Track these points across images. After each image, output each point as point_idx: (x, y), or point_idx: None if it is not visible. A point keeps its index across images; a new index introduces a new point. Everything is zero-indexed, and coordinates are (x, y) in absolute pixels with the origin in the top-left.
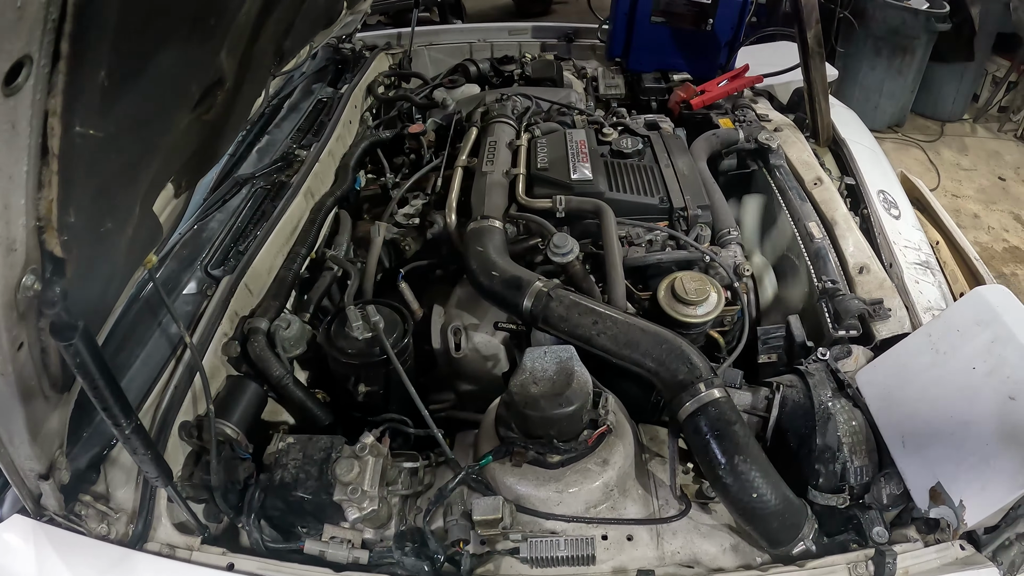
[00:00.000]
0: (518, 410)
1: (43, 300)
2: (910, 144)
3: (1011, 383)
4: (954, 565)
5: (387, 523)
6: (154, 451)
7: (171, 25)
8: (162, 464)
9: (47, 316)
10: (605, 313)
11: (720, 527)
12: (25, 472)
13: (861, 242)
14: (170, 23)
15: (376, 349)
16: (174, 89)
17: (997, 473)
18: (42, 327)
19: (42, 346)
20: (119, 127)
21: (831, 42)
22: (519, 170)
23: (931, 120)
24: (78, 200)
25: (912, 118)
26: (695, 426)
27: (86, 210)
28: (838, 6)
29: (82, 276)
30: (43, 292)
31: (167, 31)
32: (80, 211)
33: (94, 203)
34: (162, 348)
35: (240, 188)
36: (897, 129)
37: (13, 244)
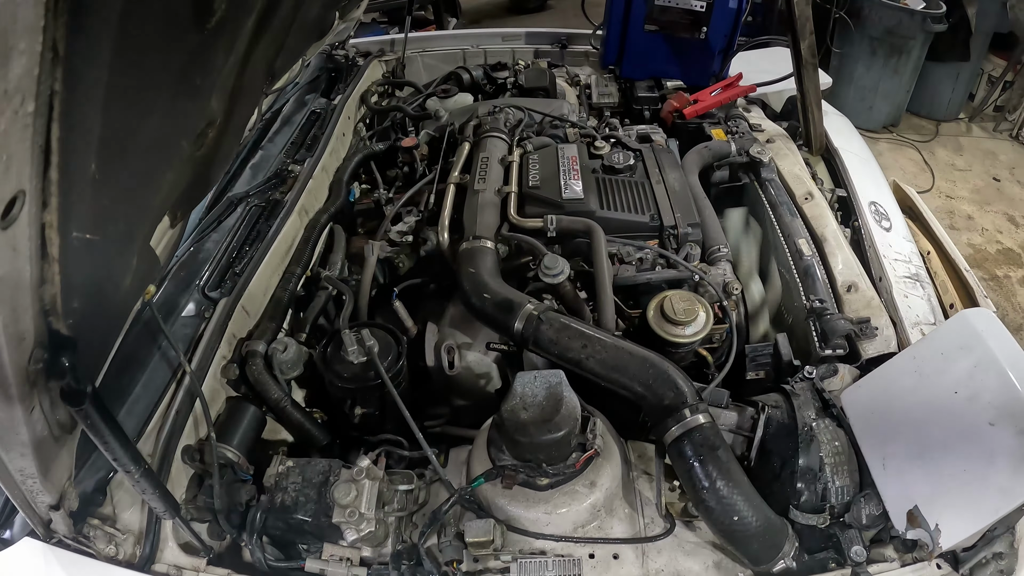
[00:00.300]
0: (509, 435)
1: (52, 372)
2: (905, 144)
3: (991, 409)
4: None
5: (384, 542)
6: (162, 489)
7: (155, 101)
8: (169, 499)
9: (57, 383)
10: (594, 336)
11: (704, 544)
12: (36, 504)
13: (850, 259)
14: (153, 100)
15: (371, 373)
16: (164, 150)
17: (973, 499)
18: (52, 387)
19: (51, 400)
20: (110, 206)
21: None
22: (511, 188)
23: (926, 119)
24: (79, 286)
25: (907, 117)
26: (679, 450)
27: (87, 290)
28: (834, 6)
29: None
30: (51, 364)
31: (151, 108)
32: (81, 294)
33: (93, 282)
34: (162, 372)
35: (235, 207)
36: (892, 129)
37: (23, 336)
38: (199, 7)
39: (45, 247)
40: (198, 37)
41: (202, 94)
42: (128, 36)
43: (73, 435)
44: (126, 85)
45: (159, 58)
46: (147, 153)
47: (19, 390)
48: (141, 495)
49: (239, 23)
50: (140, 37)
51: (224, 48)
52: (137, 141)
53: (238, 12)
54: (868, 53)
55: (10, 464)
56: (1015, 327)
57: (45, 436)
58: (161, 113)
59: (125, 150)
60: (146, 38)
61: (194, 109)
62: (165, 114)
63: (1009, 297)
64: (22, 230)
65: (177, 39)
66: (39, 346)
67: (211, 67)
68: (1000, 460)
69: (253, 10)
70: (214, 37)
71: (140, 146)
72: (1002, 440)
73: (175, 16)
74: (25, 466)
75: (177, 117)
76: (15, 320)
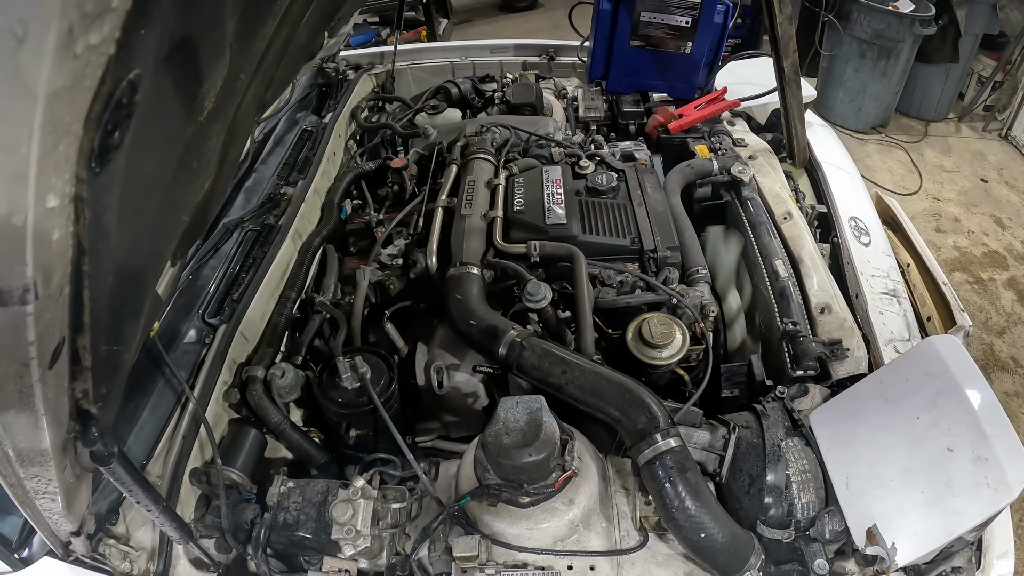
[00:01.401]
0: (493, 458)
1: (84, 441)
2: (894, 145)
3: (951, 435)
4: None
5: (379, 554)
6: (178, 520)
7: (156, 201)
8: (184, 527)
9: (86, 448)
10: (573, 363)
11: (676, 556)
12: (59, 532)
13: (825, 280)
14: (154, 201)
15: (364, 398)
16: (167, 229)
17: (929, 520)
18: (82, 451)
19: (78, 454)
20: (127, 298)
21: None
22: (497, 212)
23: (916, 120)
24: (106, 378)
25: (896, 118)
26: (652, 472)
27: (112, 376)
28: (822, 9)
29: (111, 398)
30: (83, 434)
31: (152, 208)
32: (108, 381)
33: (117, 367)
34: (167, 398)
35: (231, 234)
36: (881, 130)
37: (61, 423)
38: (190, 112)
39: (79, 361)
40: (192, 129)
41: (200, 173)
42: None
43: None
44: (133, 217)
45: (158, 175)
46: (152, 239)
47: (56, 458)
48: (160, 526)
49: (231, 104)
50: (140, 181)
51: (217, 132)
52: (143, 241)
53: (227, 98)
54: (857, 56)
55: (41, 508)
56: (999, 330)
57: (72, 483)
58: (162, 207)
59: (133, 251)
60: (145, 175)
61: (192, 188)
62: (166, 205)
63: (993, 300)
64: (62, 363)
65: (172, 147)
66: (72, 419)
67: (206, 149)
68: (956, 485)
69: (243, 91)
70: (207, 126)
71: (144, 237)
72: (959, 466)
73: (169, 133)
74: (53, 508)
75: (177, 201)
76: (56, 418)
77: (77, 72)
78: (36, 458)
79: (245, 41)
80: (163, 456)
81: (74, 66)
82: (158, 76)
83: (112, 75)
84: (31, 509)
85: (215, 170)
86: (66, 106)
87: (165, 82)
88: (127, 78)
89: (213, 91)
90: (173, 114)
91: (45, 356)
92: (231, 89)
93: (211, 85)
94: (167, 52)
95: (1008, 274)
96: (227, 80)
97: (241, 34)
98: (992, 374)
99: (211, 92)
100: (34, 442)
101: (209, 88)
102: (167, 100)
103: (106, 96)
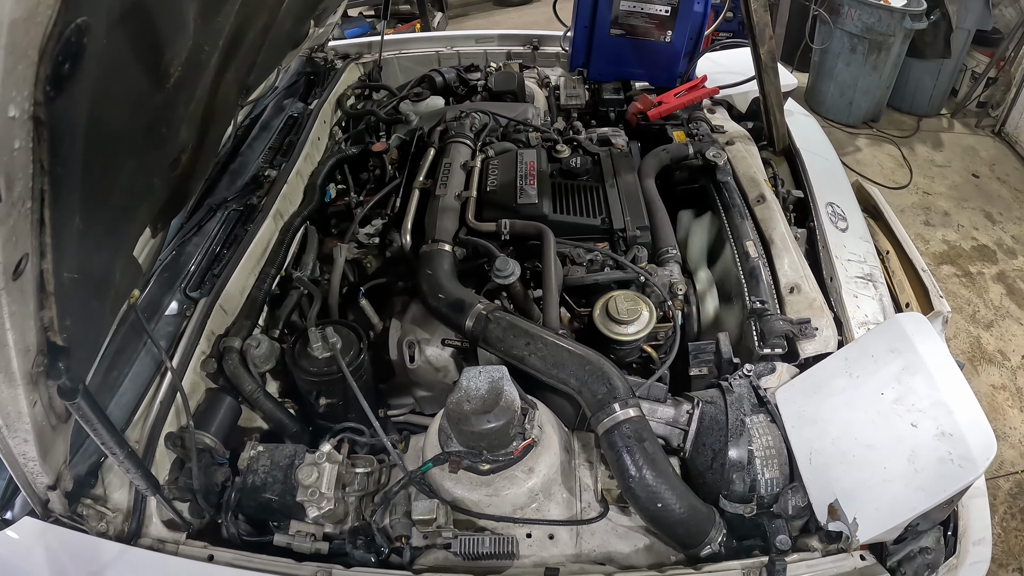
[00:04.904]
0: (455, 425)
1: (50, 374)
2: (884, 140)
3: (915, 411)
4: (850, 575)
5: (345, 519)
6: (144, 469)
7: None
8: (150, 478)
9: (54, 382)
10: (537, 335)
11: (636, 529)
12: (36, 484)
13: (796, 261)
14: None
15: (334, 367)
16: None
17: (891, 496)
18: (50, 385)
19: (49, 395)
20: (94, 243)
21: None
22: (470, 193)
23: (907, 115)
24: (71, 308)
25: (888, 113)
26: (610, 441)
27: (77, 309)
28: (813, 3)
29: (78, 340)
30: (50, 367)
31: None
32: (72, 313)
33: (83, 302)
34: (147, 367)
35: (215, 212)
36: (872, 124)
37: (28, 348)
38: (156, 77)
39: (44, 286)
40: (160, 96)
41: (169, 139)
42: (98, 122)
43: (68, 424)
44: (100, 158)
45: (127, 127)
46: (122, 196)
47: (25, 389)
48: (126, 474)
49: (198, 75)
50: (109, 121)
51: (185, 100)
52: (112, 191)
53: (195, 69)
54: (847, 50)
55: (15, 449)
56: (987, 323)
57: (44, 425)
58: (131, 166)
59: (103, 201)
60: (114, 119)
61: (162, 152)
62: (136, 164)
63: (981, 293)
64: (27, 278)
65: (142, 104)
66: (40, 353)
67: (174, 117)
68: (920, 461)
69: (209, 64)
70: (174, 93)
71: (115, 193)
72: (923, 442)
73: (135, 92)
74: (27, 451)
75: (147, 163)
76: (22, 338)
77: (31, 8)
78: (4, 389)
79: (208, 17)
80: (141, 422)
81: (28, 3)
82: (115, 35)
83: (62, 17)
84: (4, 449)
85: (192, 144)
86: (23, 35)
87: (123, 43)
88: (75, 22)
89: (177, 60)
90: (136, 76)
91: (9, 265)
92: (196, 61)
93: (174, 54)
94: (119, 14)
95: (997, 268)
96: (191, 52)
97: (203, 10)
98: (979, 367)
99: (175, 61)
100: (1, 364)
101: (172, 57)
102: (129, 61)
103: (58, 34)
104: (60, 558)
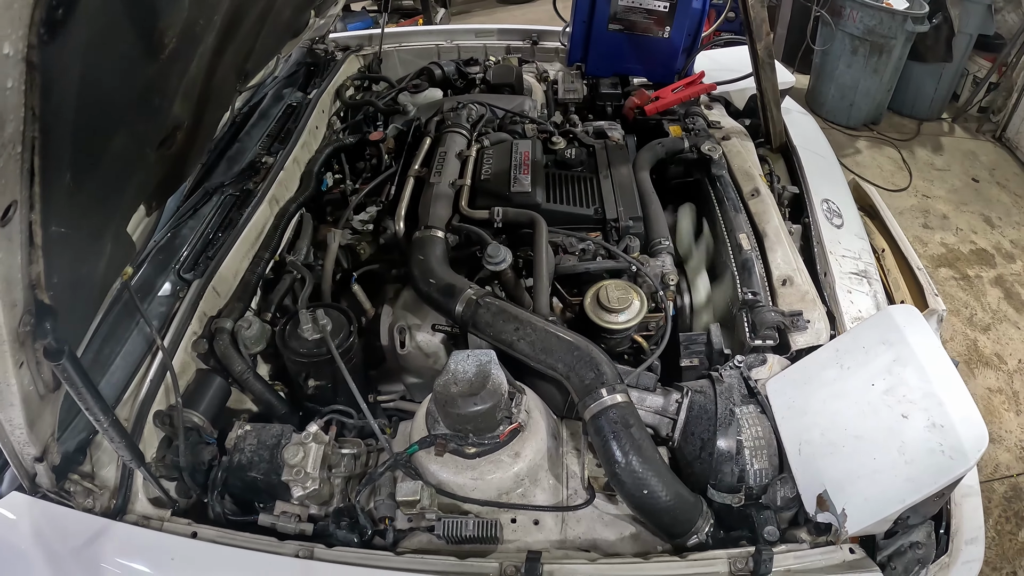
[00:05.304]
0: (441, 407)
1: (37, 333)
2: (884, 143)
3: (906, 403)
4: (839, 567)
5: (330, 500)
6: (128, 439)
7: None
8: (135, 450)
9: (40, 343)
10: (527, 320)
11: (623, 517)
12: (23, 455)
13: (789, 255)
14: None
15: (323, 349)
16: (129, 157)
17: (880, 488)
18: (37, 348)
19: (37, 360)
20: (85, 206)
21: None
22: (464, 181)
23: (908, 119)
24: (58, 265)
25: (889, 116)
26: (597, 426)
27: (65, 269)
28: (815, 4)
29: (66, 305)
30: (37, 327)
31: (115, 130)
32: (60, 271)
33: (71, 262)
34: (139, 346)
35: (211, 197)
36: (873, 127)
37: (15, 303)
38: (150, 45)
39: (32, 238)
40: (154, 66)
41: (162, 111)
42: (89, 83)
43: (57, 396)
44: (91, 118)
45: (119, 92)
46: (114, 162)
47: (11, 347)
48: (110, 443)
49: (192, 50)
50: (100, 82)
51: (178, 73)
52: (104, 156)
53: (189, 43)
54: (849, 51)
55: (1, 413)
56: (983, 327)
57: (31, 392)
58: (124, 133)
59: (94, 164)
60: (105, 81)
61: (155, 124)
62: (128, 132)
63: (979, 297)
64: (15, 227)
65: (134, 72)
66: (27, 313)
67: (168, 89)
68: (910, 452)
69: (203, 40)
70: (168, 65)
71: (107, 158)
72: (913, 433)
73: (128, 57)
74: (14, 416)
75: (139, 132)
76: (9, 291)
77: None
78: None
79: None
80: (131, 400)
81: None
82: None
83: None
84: None
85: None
86: None
87: (117, 7)
88: None
89: (171, 31)
90: (131, 40)
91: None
92: (191, 35)
93: (168, 24)
94: None
95: (995, 272)
96: (186, 25)
97: None
98: (975, 370)
99: (169, 32)
100: None
101: (166, 27)
102: (122, 23)
103: None
104: (44, 532)
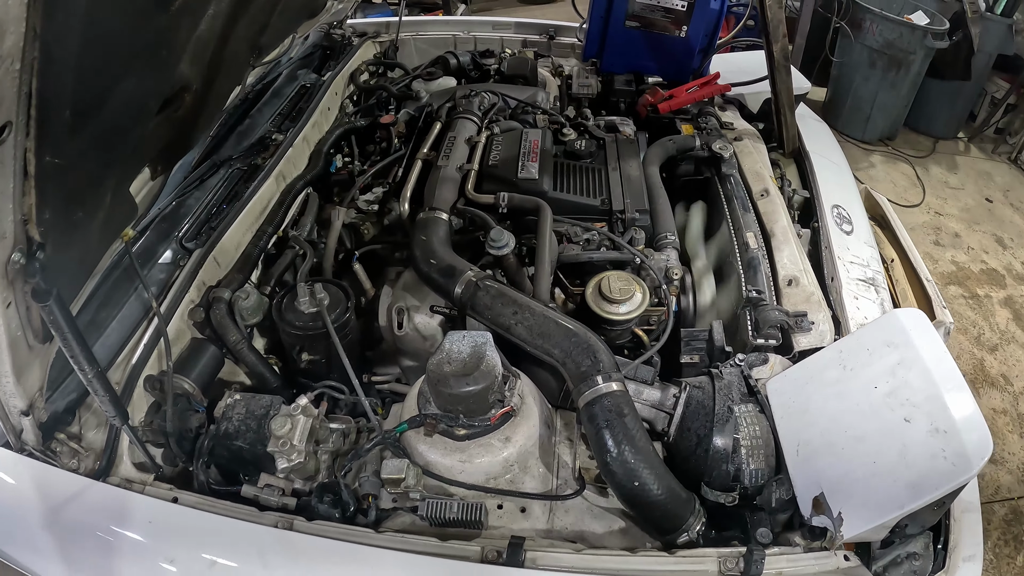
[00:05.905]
0: (434, 386)
1: (26, 271)
2: (899, 159)
3: (908, 406)
4: (832, 574)
5: (315, 476)
6: (113, 395)
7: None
8: (120, 406)
9: (29, 283)
10: (525, 304)
11: (613, 511)
12: (9, 408)
13: (796, 255)
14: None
15: (319, 323)
16: (133, 109)
17: (878, 492)
18: (26, 290)
19: (27, 305)
20: (84, 147)
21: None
22: (472, 166)
23: (924, 136)
24: (52, 201)
25: (905, 132)
26: (590, 414)
27: (59, 207)
28: (834, 15)
29: (60, 251)
30: (26, 265)
31: (120, 75)
32: (54, 208)
33: (66, 202)
34: (136, 311)
35: (218, 169)
36: (888, 142)
37: (4, 234)
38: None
39: (26, 166)
40: (164, 18)
41: (169, 65)
42: (94, 21)
43: (47, 351)
44: (95, 57)
45: (125, 37)
46: (117, 110)
47: None
48: (93, 395)
49: (203, 7)
50: (106, 22)
51: (188, 27)
52: (108, 99)
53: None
54: (867, 64)
55: None
56: (991, 347)
57: (19, 337)
58: (130, 79)
59: (97, 105)
60: (111, 22)
61: (162, 77)
62: (134, 80)
63: (988, 316)
64: (8, 150)
65: (143, 20)
66: (17, 250)
67: (176, 43)
68: (911, 456)
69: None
70: (178, 18)
71: (110, 104)
72: (915, 437)
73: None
74: (1, 367)
75: (146, 83)
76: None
77: None
78: None
79: None
80: (124, 364)
81: None
82: None
83: None
84: None
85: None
86: None
87: None
88: None
89: None
90: None
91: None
92: None
93: None
94: None
95: (1005, 293)
96: None
97: None
98: (981, 389)
99: None
100: None
101: None
102: None
103: None
104: (25, 488)
